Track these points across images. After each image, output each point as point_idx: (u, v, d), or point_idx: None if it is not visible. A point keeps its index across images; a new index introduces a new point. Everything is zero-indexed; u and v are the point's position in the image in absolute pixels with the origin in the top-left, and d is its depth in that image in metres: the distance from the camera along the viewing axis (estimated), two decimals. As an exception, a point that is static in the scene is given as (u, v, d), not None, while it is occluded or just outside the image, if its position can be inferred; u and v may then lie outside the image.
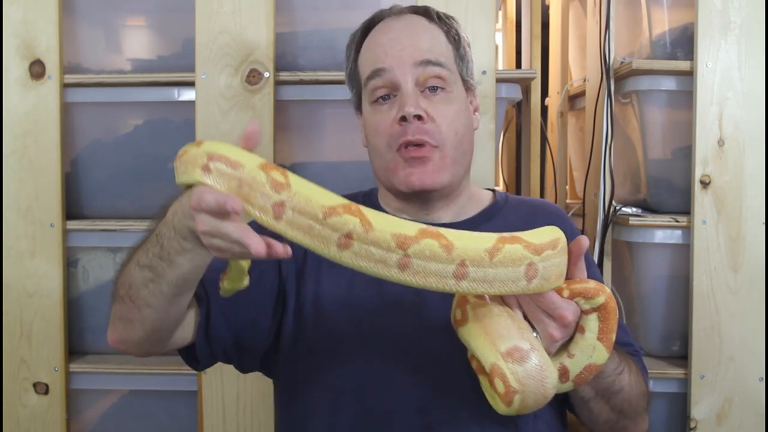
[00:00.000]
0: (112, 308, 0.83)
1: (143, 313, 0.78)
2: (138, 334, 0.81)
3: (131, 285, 0.77)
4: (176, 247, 0.70)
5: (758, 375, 1.41)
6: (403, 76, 0.92)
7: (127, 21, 1.54)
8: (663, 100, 1.49)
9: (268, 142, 1.40)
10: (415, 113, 0.90)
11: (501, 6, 2.12)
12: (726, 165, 1.40)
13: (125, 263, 0.80)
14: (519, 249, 0.67)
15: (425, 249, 0.64)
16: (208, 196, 0.62)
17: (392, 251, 0.64)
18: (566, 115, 1.96)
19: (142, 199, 1.52)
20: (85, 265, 1.52)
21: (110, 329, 0.84)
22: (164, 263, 0.72)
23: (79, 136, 1.51)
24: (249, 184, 0.63)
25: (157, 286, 0.74)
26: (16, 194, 1.44)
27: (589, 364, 0.75)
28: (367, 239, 0.64)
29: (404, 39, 0.94)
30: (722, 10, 1.39)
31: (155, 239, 0.73)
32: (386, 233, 0.64)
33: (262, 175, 0.64)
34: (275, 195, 0.63)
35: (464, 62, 0.98)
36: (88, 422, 1.54)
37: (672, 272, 1.49)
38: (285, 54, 1.47)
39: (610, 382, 0.86)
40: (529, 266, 0.67)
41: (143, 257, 0.75)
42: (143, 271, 0.74)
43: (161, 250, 0.72)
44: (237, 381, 1.42)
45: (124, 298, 0.79)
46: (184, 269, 0.72)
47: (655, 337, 1.52)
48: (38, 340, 1.45)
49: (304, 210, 0.63)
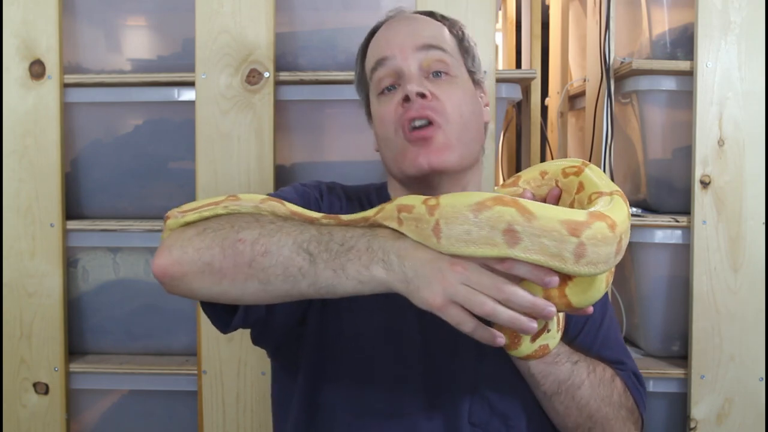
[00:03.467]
0: (190, 238, 0.73)
1: (246, 282, 0.71)
2: (210, 288, 0.73)
3: (267, 252, 0.69)
4: (364, 261, 0.67)
5: (758, 375, 1.41)
6: (405, 61, 0.91)
7: (127, 21, 1.54)
8: (663, 100, 1.49)
9: (268, 142, 1.40)
10: (418, 90, 0.89)
11: (501, 6, 2.12)
12: (726, 165, 1.40)
13: (262, 223, 0.73)
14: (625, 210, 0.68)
15: (597, 233, 0.62)
16: (521, 298, 0.64)
17: (565, 241, 0.61)
18: (566, 115, 1.96)
19: (142, 199, 1.53)
20: (85, 265, 1.52)
21: (171, 258, 0.73)
22: (332, 265, 0.68)
23: (79, 136, 1.51)
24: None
25: (299, 277, 0.69)
26: (16, 194, 1.44)
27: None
28: (534, 230, 0.61)
29: (405, 28, 0.95)
30: (722, 10, 1.39)
31: (341, 238, 0.69)
32: (554, 221, 0.61)
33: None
34: (431, 218, 0.65)
35: (469, 55, 0.98)
36: (88, 422, 1.54)
37: (672, 272, 1.49)
38: (285, 54, 1.47)
39: (568, 370, 0.85)
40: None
41: (312, 244, 0.69)
42: (299, 255, 0.69)
43: (343, 252, 0.68)
44: (237, 381, 1.42)
45: (238, 251, 0.70)
46: (342, 286, 0.68)
47: (655, 337, 1.52)
48: (38, 340, 1.45)
49: (453, 217, 0.63)
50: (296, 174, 1.49)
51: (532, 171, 0.88)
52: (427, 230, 0.65)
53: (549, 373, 0.85)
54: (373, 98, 0.97)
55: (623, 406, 0.91)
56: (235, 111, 1.40)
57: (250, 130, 1.40)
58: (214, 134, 1.41)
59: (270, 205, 0.78)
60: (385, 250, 0.67)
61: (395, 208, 0.70)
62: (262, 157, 1.40)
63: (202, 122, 1.41)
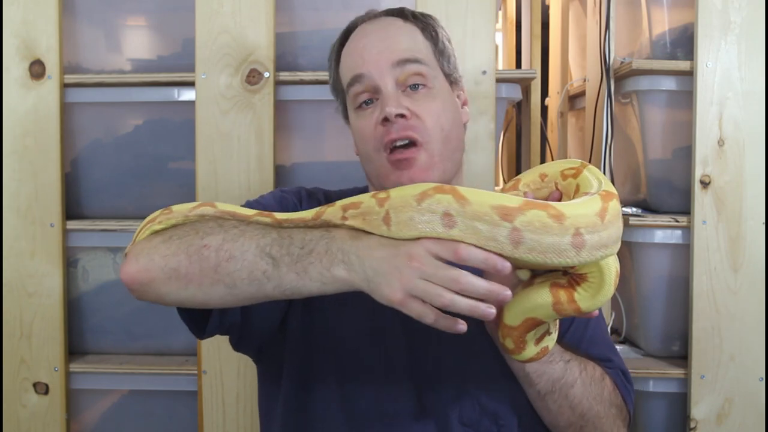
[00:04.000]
0: (156, 246, 0.75)
1: (213, 287, 0.72)
2: (178, 293, 0.74)
3: (231, 257, 0.71)
4: (324, 264, 0.68)
5: (758, 375, 1.41)
6: (381, 78, 0.91)
7: (127, 21, 1.54)
8: (663, 100, 1.49)
9: (268, 142, 1.40)
10: (397, 112, 0.89)
11: (501, 6, 2.12)
12: (726, 165, 1.40)
13: (226, 228, 0.74)
14: (617, 204, 0.69)
15: (534, 220, 0.64)
16: (474, 254, 0.64)
17: (498, 225, 0.64)
18: (566, 115, 1.96)
19: (142, 199, 1.53)
20: (85, 265, 1.52)
21: (138, 265, 0.75)
22: (295, 268, 0.69)
23: (79, 136, 1.51)
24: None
25: (264, 280, 0.70)
26: (16, 194, 1.44)
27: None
28: (466, 214, 0.65)
29: (379, 42, 0.94)
30: (722, 10, 1.39)
31: (301, 241, 0.70)
32: (485, 206, 0.64)
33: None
34: (381, 209, 0.69)
35: (444, 57, 0.97)
36: (88, 422, 1.54)
37: (672, 272, 1.49)
38: (285, 54, 1.47)
39: (562, 369, 0.85)
40: (621, 218, 0.69)
41: (274, 248, 0.70)
42: (262, 259, 0.70)
43: (304, 255, 0.69)
44: (237, 381, 1.42)
45: (203, 257, 0.72)
46: (307, 287, 0.70)
47: (655, 337, 1.52)
48: (38, 340, 1.45)
49: (401, 206, 0.68)
50: (296, 174, 1.49)
51: (532, 173, 0.88)
52: (377, 221, 0.69)
53: (543, 372, 0.85)
54: (350, 110, 0.97)
55: (613, 404, 0.91)
56: (235, 111, 1.40)
57: (250, 130, 1.41)
58: (214, 134, 1.41)
59: (201, 210, 0.80)
60: (344, 251, 0.69)
61: (340, 208, 0.74)
62: (262, 157, 1.40)
63: (202, 122, 1.41)
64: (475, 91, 1.36)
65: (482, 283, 0.65)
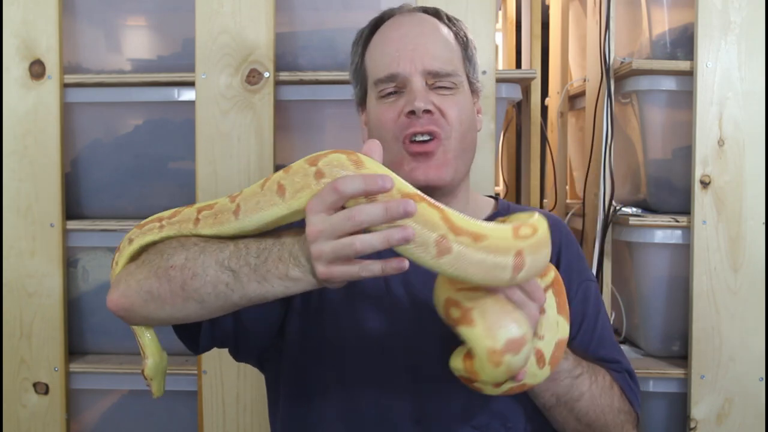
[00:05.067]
0: (132, 272, 0.79)
1: (185, 304, 0.74)
2: (158, 313, 0.77)
3: (195, 275, 0.73)
4: (281, 270, 0.68)
5: (758, 375, 1.41)
6: (413, 76, 0.92)
7: (127, 21, 1.54)
8: (663, 100, 1.49)
9: (268, 142, 1.40)
10: (425, 108, 0.90)
11: (501, 6, 2.12)
12: (726, 165, 1.40)
13: (187, 247, 0.76)
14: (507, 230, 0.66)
15: (332, 160, 0.66)
16: (351, 181, 0.62)
17: (308, 174, 0.67)
18: (566, 115, 1.96)
19: (142, 199, 1.53)
20: (85, 265, 1.52)
21: (118, 292, 0.79)
22: (255, 277, 0.70)
23: (79, 136, 1.51)
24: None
25: (228, 292, 0.72)
26: (16, 194, 1.44)
27: (559, 340, 0.77)
28: (288, 178, 0.69)
29: (416, 37, 0.94)
30: (722, 10, 1.39)
31: (256, 250, 0.71)
32: (299, 164, 0.69)
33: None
34: (233, 203, 0.74)
35: (471, 64, 0.99)
36: (88, 422, 1.54)
37: (672, 272, 1.49)
38: (285, 54, 1.47)
39: (568, 385, 0.85)
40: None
41: (232, 260, 0.71)
42: (223, 273, 0.71)
43: (260, 264, 0.70)
44: (237, 381, 1.42)
45: (170, 277, 0.74)
46: (272, 291, 0.70)
47: (655, 337, 1.52)
48: (38, 340, 1.45)
49: (249, 195, 0.72)
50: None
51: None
52: (227, 215, 0.73)
53: (546, 389, 0.85)
54: (372, 98, 0.97)
55: (621, 411, 0.92)
56: (235, 111, 1.40)
57: (250, 130, 1.40)
58: (214, 134, 1.41)
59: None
60: (293, 254, 0.69)
61: (195, 210, 0.78)
62: (262, 157, 1.40)
63: (202, 122, 1.41)
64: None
65: (376, 205, 0.61)
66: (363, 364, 0.91)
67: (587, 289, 0.98)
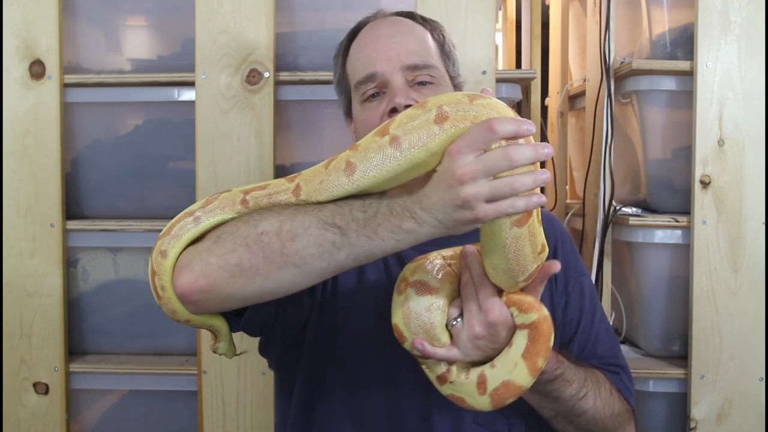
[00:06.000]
0: (208, 250, 0.72)
1: (281, 271, 0.70)
2: (244, 289, 0.71)
3: (295, 236, 0.69)
4: (393, 223, 0.67)
5: (758, 375, 1.41)
6: (392, 75, 0.93)
7: (127, 21, 1.54)
8: (663, 100, 1.49)
9: (268, 142, 1.40)
10: (406, 103, 0.90)
11: (501, 6, 2.12)
12: (726, 165, 1.40)
13: (277, 211, 0.72)
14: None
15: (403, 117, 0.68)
16: (505, 122, 0.62)
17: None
18: (566, 115, 1.96)
19: (142, 199, 1.53)
20: (85, 265, 1.52)
21: (194, 273, 0.72)
22: (364, 232, 0.68)
23: (79, 136, 1.51)
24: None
25: (334, 250, 0.69)
26: (16, 194, 1.44)
27: (508, 381, 0.74)
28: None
29: (391, 39, 0.95)
30: (722, 10, 1.39)
31: (360, 206, 0.69)
32: (366, 140, 0.69)
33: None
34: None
35: (450, 60, 0.99)
36: (88, 422, 1.54)
37: (672, 272, 1.49)
38: (285, 54, 1.47)
39: (570, 407, 0.86)
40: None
41: (336, 217, 0.69)
42: (327, 231, 0.69)
43: (369, 218, 0.68)
44: (237, 381, 1.42)
45: (264, 244, 0.70)
46: (381, 246, 0.68)
47: (655, 337, 1.52)
48: (38, 340, 1.45)
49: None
50: (296, 174, 1.49)
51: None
52: (339, 177, 0.70)
53: (544, 405, 0.87)
54: (356, 103, 0.98)
55: (621, 413, 0.93)
56: (235, 111, 1.40)
57: (250, 130, 1.40)
58: (214, 134, 1.41)
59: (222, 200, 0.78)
60: (406, 207, 0.68)
61: (286, 181, 0.74)
62: (262, 157, 1.40)
63: (202, 122, 1.41)
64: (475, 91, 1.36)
65: (527, 148, 0.63)
66: (370, 360, 0.92)
67: (582, 284, 0.99)
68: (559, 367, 0.83)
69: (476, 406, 0.76)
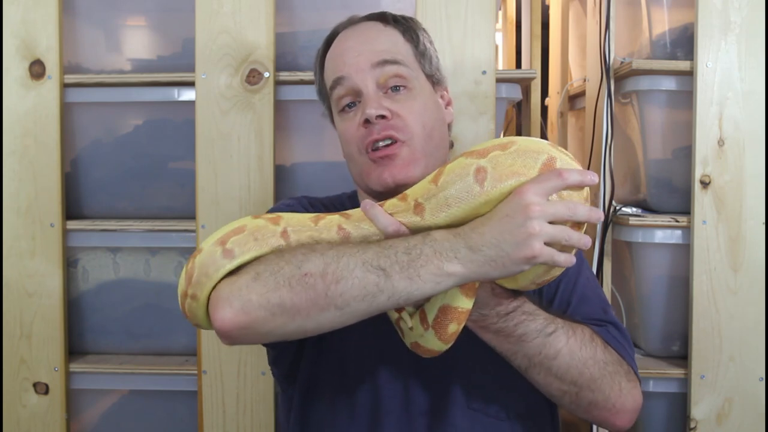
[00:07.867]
0: (247, 286, 0.73)
1: (323, 312, 0.71)
2: (284, 328, 0.72)
3: (339, 279, 0.70)
4: (435, 265, 0.69)
5: (758, 375, 1.41)
6: (362, 80, 0.92)
7: (127, 21, 1.54)
8: (663, 100, 1.49)
9: (268, 142, 1.40)
10: (378, 113, 0.90)
11: (501, 6, 2.12)
12: (726, 165, 1.40)
13: (321, 251, 0.73)
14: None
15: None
16: (573, 173, 0.71)
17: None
18: (566, 115, 1.96)
19: (142, 199, 1.53)
20: (85, 265, 1.52)
21: (234, 309, 0.72)
22: (407, 274, 0.70)
23: (79, 136, 1.51)
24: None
25: (377, 292, 0.70)
26: (16, 194, 1.44)
27: (443, 306, 0.76)
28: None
29: (359, 44, 0.95)
30: (722, 10, 1.39)
31: (405, 248, 0.71)
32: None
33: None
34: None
35: (426, 58, 0.98)
36: (88, 422, 1.54)
37: (672, 272, 1.49)
38: (285, 54, 1.47)
39: (540, 344, 0.83)
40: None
41: (381, 259, 0.71)
42: (371, 273, 0.70)
43: (413, 260, 0.70)
44: (237, 381, 1.42)
45: (308, 285, 0.71)
46: (421, 289, 0.70)
47: (655, 337, 1.52)
48: (38, 340, 1.45)
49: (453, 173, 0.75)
50: (296, 174, 1.49)
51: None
52: (409, 213, 0.76)
53: (515, 351, 0.84)
54: (335, 114, 0.99)
55: (608, 362, 0.88)
56: (235, 111, 1.40)
57: (250, 130, 1.40)
58: (214, 134, 1.41)
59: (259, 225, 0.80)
60: (452, 248, 0.70)
61: (338, 216, 0.79)
62: (262, 157, 1.40)
63: (202, 122, 1.41)
64: (475, 91, 1.36)
65: (585, 207, 0.71)
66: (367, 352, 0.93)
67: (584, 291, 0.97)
68: (515, 300, 0.81)
69: (428, 345, 0.78)
